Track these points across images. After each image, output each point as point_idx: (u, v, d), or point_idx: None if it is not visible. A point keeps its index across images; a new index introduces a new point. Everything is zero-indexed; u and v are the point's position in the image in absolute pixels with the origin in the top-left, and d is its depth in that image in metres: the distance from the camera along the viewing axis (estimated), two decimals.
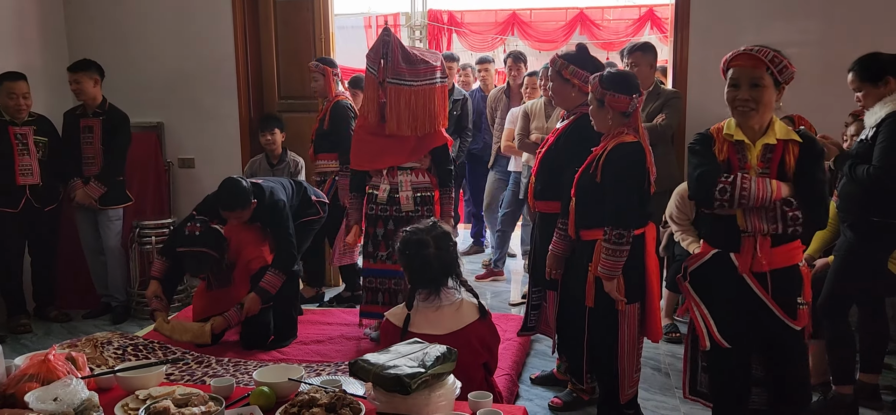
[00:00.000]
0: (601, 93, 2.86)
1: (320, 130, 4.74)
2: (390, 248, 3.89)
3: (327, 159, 4.78)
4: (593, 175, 2.88)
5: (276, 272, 3.93)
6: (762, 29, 4.60)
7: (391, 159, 3.94)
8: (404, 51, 3.89)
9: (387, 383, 1.82)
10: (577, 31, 10.36)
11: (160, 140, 5.44)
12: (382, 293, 4.00)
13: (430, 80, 3.88)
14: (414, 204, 3.93)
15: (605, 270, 2.83)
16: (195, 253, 3.81)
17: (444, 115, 3.98)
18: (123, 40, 5.39)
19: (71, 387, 1.83)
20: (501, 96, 5.80)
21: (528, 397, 3.57)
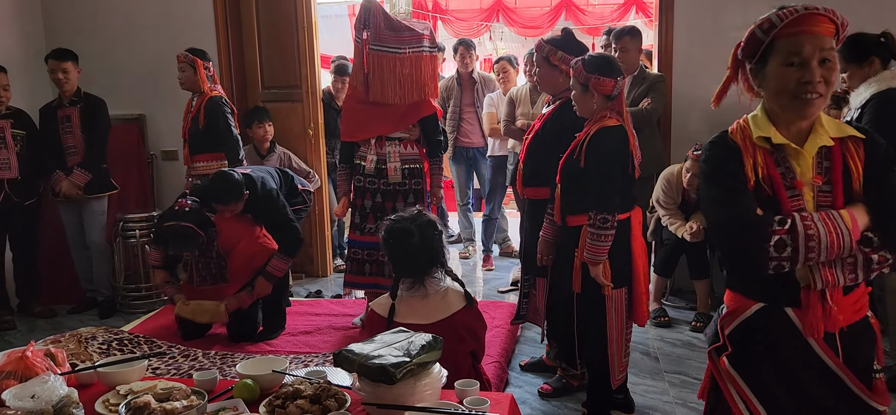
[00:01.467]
0: (585, 77, 2.84)
1: (194, 128, 4.40)
2: (378, 221, 3.88)
3: (208, 160, 4.42)
4: (577, 160, 2.86)
5: (282, 257, 3.90)
6: (747, 13, 4.58)
7: (378, 128, 3.91)
8: (387, 18, 3.86)
9: (371, 373, 1.79)
10: (563, 16, 10.32)
11: (142, 132, 5.38)
12: (369, 264, 3.99)
13: (417, 47, 3.85)
14: (401, 176, 3.91)
15: (590, 255, 2.82)
16: (179, 228, 3.71)
17: (433, 85, 3.94)
18: (103, 32, 5.31)
19: (49, 384, 1.79)
20: (453, 84, 5.77)
21: (517, 384, 3.56)
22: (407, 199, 3.94)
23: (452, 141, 5.72)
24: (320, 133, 5.35)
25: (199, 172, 4.42)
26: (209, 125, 4.33)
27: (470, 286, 5.10)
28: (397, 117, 3.90)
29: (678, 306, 4.58)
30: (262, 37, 5.31)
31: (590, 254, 2.81)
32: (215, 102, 4.36)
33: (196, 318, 3.91)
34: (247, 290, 3.90)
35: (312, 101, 5.28)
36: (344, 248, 5.65)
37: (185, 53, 4.41)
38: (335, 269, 5.64)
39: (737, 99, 4.80)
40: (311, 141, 5.31)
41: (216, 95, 4.40)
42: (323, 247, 5.54)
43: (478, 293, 5.07)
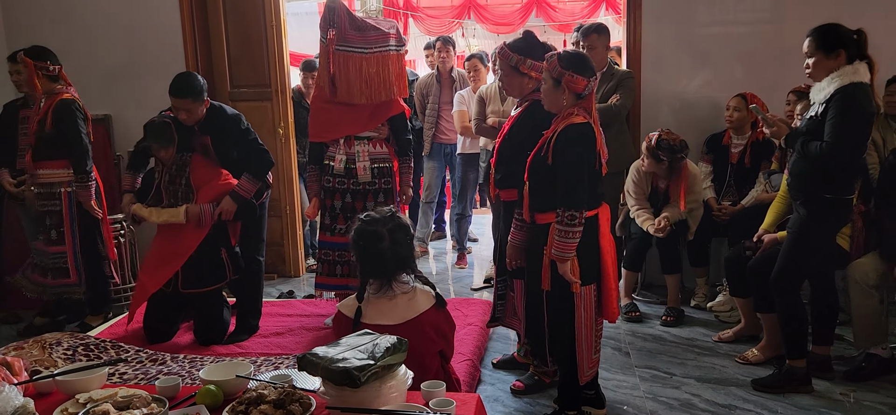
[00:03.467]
0: (559, 72, 2.82)
1: (41, 132, 4.12)
2: (348, 221, 3.86)
3: (52, 167, 4.21)
4: (545, 157, 2.85)
5: (250, 178, 3.83)
6: (715, 8, 4.64)
7: (347, 129, 3.90)
8: (352, 18, 3.84)
9: (336, 376, 1.78)
10: (534, 13, 10.35)
11: (108, 133, 5.29)
12: (340, 266, 3.96)
13: (383, 47, 3.84)
14: (371, 175, 3.89)
15: (557, 252, 2.82)
16: (160, 121, 3.81)
17: (401, 84, 3.92)
18: (67, 30, 5.21)
19: (4, 394, 1.75)
20: (432, 82, 5.76)
21: (490, 382, 3.56)
22: (377, 198, 3.93)
23: (430, 137, 5.70)
24: (291, 132, 5.31)
25: (41, 180, 4.22)
26: (58, 129, 4.09)
27: (442, 284, 5.12)
28: (366, 117, 3.88)
29: (649, 301, 4.62)
30: (230, 35, 5.24)
31: (557, 251, 2.82)
32: (66, 105, 4.13)
33: (152, 218, 3.84)
34: (211, 205, 3.80)
35: (282, 100, 5.23)
36: (316, 248, 5.61)
37: (20, 54, 4.16)
38: (307, 269, 5.60)
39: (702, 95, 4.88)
40: (282, 140, 5.26)
41: (67, 98, 4.18)
42: (295, 247, 5.50)
43: (450, 291, 5.06)
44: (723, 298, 4.31)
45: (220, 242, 3.90)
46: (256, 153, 3.89)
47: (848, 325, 3.65)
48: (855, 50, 3.08)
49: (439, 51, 5.75)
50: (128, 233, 4.90)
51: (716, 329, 4.08)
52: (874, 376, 3.38)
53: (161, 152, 3.86)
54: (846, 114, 2.98)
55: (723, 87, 4.54)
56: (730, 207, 4.27)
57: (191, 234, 3.83)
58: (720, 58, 4.65)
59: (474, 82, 5.33)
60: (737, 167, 4.32)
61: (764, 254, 3.53)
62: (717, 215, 4.30)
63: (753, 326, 3.85)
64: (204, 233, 3.83)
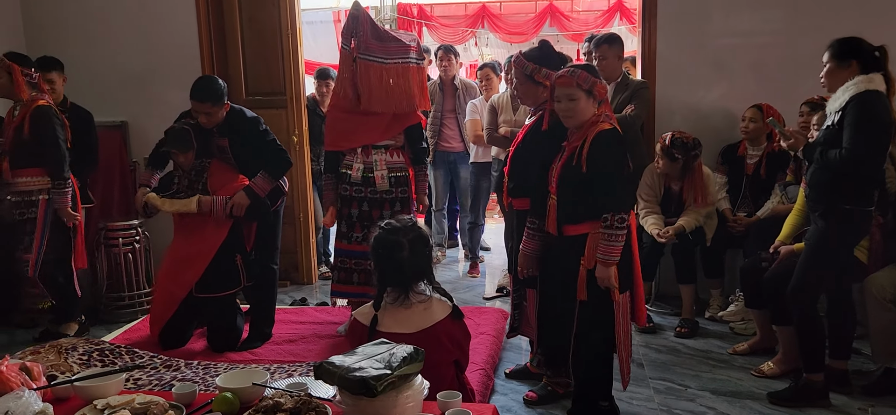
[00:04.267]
0: (592, 82, 2.83)
1: (18, 138, 4.05)
2: (365, 230, 3.87)
3: (30, 175, 4.12)
4: (577, 167, 2.82)
5: (266, 176, 3.84)
6: (729, 19, 4.63)
7: (364, 138, 3.91)
8: (374, 27, 3.86)
9: (352, 385, 1.77)
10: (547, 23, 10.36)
11: (125, 139, 5.33)
12: (357, 274, 3.96)
13: (404, 58, 3.86)
14: (389, 184, 3.90)
15: (606, 257, 2.78)
16: (180, 127, 3.85)
17: (423, 95, 3.95)
18: (84, 37, 5.26)
19: (23, 399, 1.76)
20: (435, 90, 5.77)
21: (502, 392, 3.55)
22: (393, 207, 3.93)
23: (433, 146, 5.72)
24: (305, 140, 5.33)
25: (19, 188, 4.13)
26: (35, 136, 4.04)
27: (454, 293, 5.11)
28: (383, 126, 3.89)
29: (663, 312, 4.60)
30: (246, 43, 5.28)
31: (606, 255, 2.78)
32: (44, 112, 4.08)
33: (165, 208, 3.86)
34: (224, 199, 3.82)
35: (297, 108, 5.25)
36: (329, 255, 5.62)
37: (0, 58, 4.09)
38: (320, 276, 5.61)
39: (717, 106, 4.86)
40: (296, 148, 5.28)
41: (44, 104, 4.12)
42: (308, 254, 5.51)
43: (463, 300, 5.06)
44: (735, 308, 4.28)
45: (235, 249, 3.92)
46: (274, 153, 3.91)
47: (866, 339, 3.61)
48: (871, 62, 3.07)
49: (440, 59, 5.77)
50: (143, 239, 4.93)
51: (731, 341, 4.05)
52: (893, 390, 3.34)
53: (180, 158, 3.89)
54: (863, 119, 2.98)
55: (738, 98, 4.52)
56: (745, 219, 4.25)
57: (210, 236, 3.85)
58: (735, 68, 4.63)
59: (486, 91, 5.33)
60: (752, 178, 4.30)
61: (780, 266, 3.51)
62: (732, 226, 4.28)
63: (769, 338, 3.81)
64: (223, 235, 3.85)
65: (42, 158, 4.11)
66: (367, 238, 3.81)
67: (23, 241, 4.18)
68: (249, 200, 3.82)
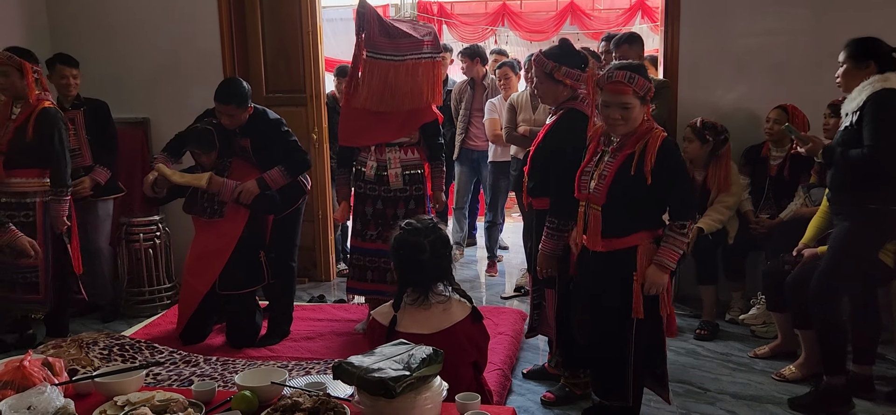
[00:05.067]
0: (646, 89, 2.70)
1: (19, 140, 3.92)
2: (379, 227, 3.86)
3: (26, 176, 3.98)
4: (636, 177, 2.66)
5: (282, 171, 3.82)
6: (754, 18, 4.56)
7: (377, 136, 3.89)
8: (382, 24, 3.81)
9: (371, 386, 1.77)
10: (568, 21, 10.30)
11: (147, 136, 5.37)
12: (371, 271, 3.96)
13: (415, 54, 3.81)
14: (403, 182, 3.89)
15: (665, 261, 2.69)
16: (202, 128, 3.84)
17: (434, 91, 3.90)
18: (108, 35, 5.31)
19: (45, 395, 1.78)
20: (465, 88, 5.75)
21: (520, 392, 3.53)
22: (408, 205, 3.92)
23: (460, 143, 5.71)
24: (324, 137, 5.34)
25: (13, 189, 3.98)
26: (39, 139, 3.93)
27: (472, 292, 5.10)
28: (397, 124, 3.88)
29: (682, 314, 4.55)
30: (267, 40, 5.30)
31: (664, 259, 2.69)
32: (51, 115, 3.98)
33: (174, 179, 3.82)
34: (234, 183, 3.80)
35: (317, 106, 5.27)
36: (347, 252, 5.63)
37: (7, 54, 3.94)
38: (338, 273, 5.63)
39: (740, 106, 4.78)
40: (316, 145, 5.30)
41: (50, 107, 4.03)
42: (326, 251, 5.53)
43: (481, 300, 5.05)
44: (756, 311, 4.23)
45: (258, 245, 3.93)
46: (293, 152, 3.90)
47: (891, 344, 3.55)
48: (888, 63, 3.04)
49: (461, 61, 5.78)
50: (163, 235, 4.97)
51: (751, 344, 4.01)
52: None
53: (202, 158, 3.90)
54: (883, 115, 2.95)
55: (761, 99, 4.46)
56: (768, 221, 4.19)
57: (226, 231, 3.86)
58: (759, 68, 4.57)
59: (505, 90, 5.31)
60: (775, 180, 4.23)
61: (803, 268, 3.46)
62: (754, 228, 4.22)
63: (791, 342, 3.77)
64: (239, 229, 3.85)
65: (41, 160, 3.99)
66: (382, 236, 3.82)
67: None
68: (259, 190, 3.80)
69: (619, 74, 2.67)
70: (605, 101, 2.70)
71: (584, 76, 3.16)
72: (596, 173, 2.78)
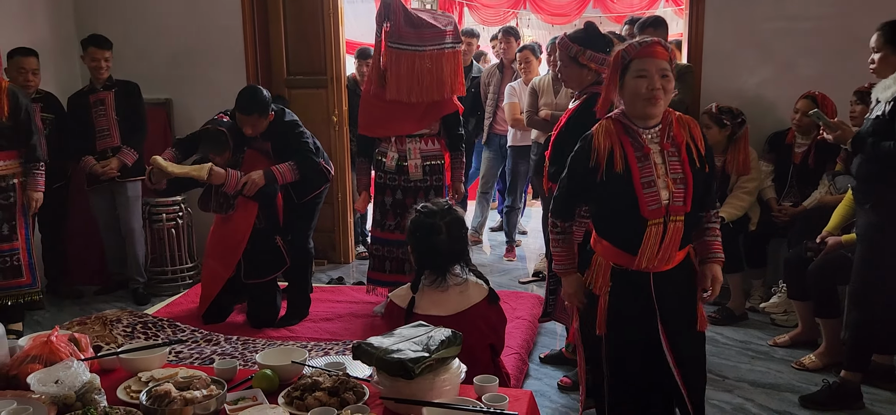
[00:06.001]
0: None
1: None
2: (398, 218, 3.88)
3: (4, 159, 3.92)
4: (701, 169, 2.28)
5: (291, 166, 3.79)
6: (779, 2, 4.49)
7: (398, 127, 3.89)
8: (407, 14, 3.81)
9: (390, 367, 1.79)
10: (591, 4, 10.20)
11: (169, 116, 5.42)
12: (389, 262, 3.98)
13: (439, 44, 3.81)
14: (422, 173, 3.89)
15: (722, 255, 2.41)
16: (215, 130, 3.82)
17: (456, 82, 3.89)
18: (131, 16, 5.35)
19: (72, 369, 1.82)
20: (494, 71, 5.74)
21: (537, 376, 3.55)
22: (427, 195, 3.92)
23: (488, 127, 5.69)
24: (344, 120, 5.36)
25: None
26: (14, 118, 3.88)
27: (491, 276, 5.11)
28: (418, 116, 3.88)
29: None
30: (288, 23, 5.31)
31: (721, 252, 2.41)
32: (16, 92, 3.93)
33: (171, 170, 3.75)
34: (239, 172, 3.77)
35: (337, 88, 5.28)
36: (366, 235, 5.66)
37: None
38: (357, 256, 5.66)
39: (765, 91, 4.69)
40: (336, 128, 5.31)
41: (12, 85, 3.97)
42: (345, 234, 5.56)
43: (498, 284, 5.05)
44: (777, 299, 4.19)
45: (273, 230, 3.96)
46: (306, 153, 3.86)
47: None
48: None
49: (501, 41, 5.74)
50: (186, 215, 5.02)
51: (771, 333, 3.98)
52: None
53: (216, 159, 3.89)
54: None
55: (787, 84, 4.40)
56: (791, 208, 4.14)
57: (242, 220, 3.89)
58: (784, 53, 4.50)
59: (526, 74, 5.28)
60: (800, 167, 4.17)
61: (826, 257, 3.42)
62: (776, 216, 4.18)
63: (811, 331, 3.73)
64: (253, 215, 3.87)
65: (16, 141, 3.93)
66: (400, 226, 3.83)
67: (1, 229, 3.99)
68: (264, 182, 3.76)
69: (652, 40, 2.30)
70: (640, 71, 2.23)
71: (609, 60, 3.12)
72: (664, 180, 2.22)
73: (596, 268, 2.33)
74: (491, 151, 5.76)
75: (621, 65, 2.28)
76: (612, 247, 2.29)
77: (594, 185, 2.27)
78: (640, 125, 2.27)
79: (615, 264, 2.29)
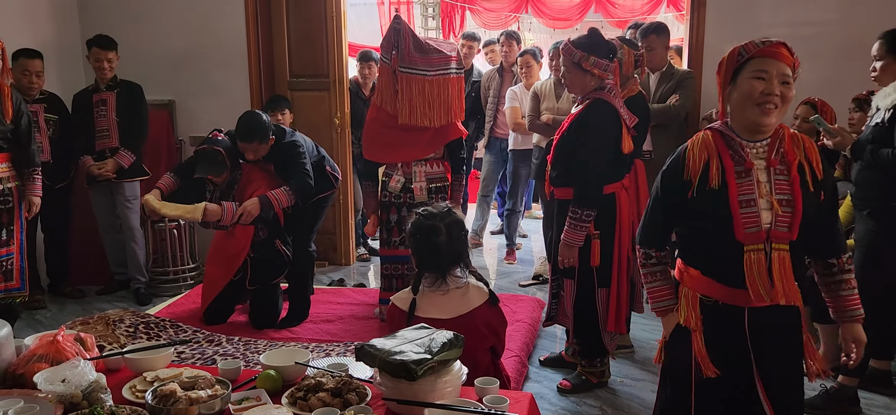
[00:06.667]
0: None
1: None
2: (402, 234, 3.90)
3: (2, 161, 3.92)
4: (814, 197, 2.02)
5: (287, 191, 3.82)
6: (780, 9, 4.52)
7: (405, 154, 3.92)
8: (416, 40, 3.85)
9: (393, 368, 1.81)
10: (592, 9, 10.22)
11: (172, 117, 5.45)
12: (397, 279, 4.00)
13: (445, 70, 3.85)
14: (427, 195, 3.93)
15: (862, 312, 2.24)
16: (212, 151, 3.82)
17: (459, 106, 3.94)
18: (135, 17, 5.38)
19: (79, 369, 1.84)
20: (494, 75, 5.76)
21: (536, 379, 3.56)
22: None
23: (488, 131, 5.72)
24: (346, 122, 5.38)
25: None
26: (16, 122, 3.89)
27: (491, 279, 5.13)
28: (425, 142, 3.91)
29: None
30: (292, 25, 5.34)
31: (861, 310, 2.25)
32: (18, 97, 3.96)
33: (165, 211, 3.77)
34: (234, 203, 3.79)
35: (340, 91, 5.31)
36: (367, 237, 5.69)
37: None
38: (358, 258, 5.68)
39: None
40: (338, 130, 5.34)
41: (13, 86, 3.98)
42: (346, 236, 5.58)
43: (499, 287, 5.07)
44: None
45: (274, 235, 3.99)
46: (301, 177, 3.88)
47: None
48: None
49: (502, 44, 5.76)
50: None
51: None
52: None
53: (215, 179, 3.92)
54: None
55: None
56: None
57: (242, 231, 3.91)
58: None
59: (526, 78, 5.30)
60: None
61: None
62: None
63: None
64: (252, 228, 3.89)
65: (15, 145, 3.91)
66: (404, 242, 3.85)
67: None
68: (260, 211, 3.79)
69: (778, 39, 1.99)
70: (759, 71, 1.94)
71: (613, 66, 3.15)
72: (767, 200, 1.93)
73: (683, 300, 2.05)
74: (492, 154, 5.78)
75: (736, 63, 1.99)
76: (702, 276, 2.00)
77: (686, 202, 1.98)
78: (746, 137, 1.96)
79: (704, 297, 2.01)
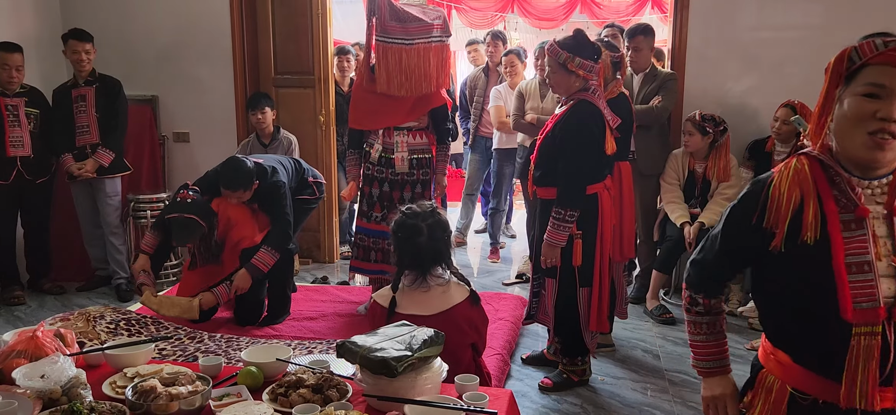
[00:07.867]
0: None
1: None
2: (385, 210, 3.91)
3: None
4: None
5: (269, 250, 3.84)
6: (764, 11, 4.57)
7: (387, 120, 3.92)
8: (393, 8, 3.84)
9: (373, 365, 1.82)
10: (578, 9, 10.25)
11: (155, 113, 5.41)
12: (375, 252, 4.01)
13: (425, 38, 3.85)
14: (409, 166, 3.92)
15: None
16: (183, 220, 3.72)
17: (443, 75, 3.92)
18: (118, 12, 5.34)
19: (58, 364, 1.83)
20: (480, 75, 5.78)
21: (518, 377, 3.59)
22: (414, 189, 3.96)
23: (473, 130, 5.73)
24: (331, 120, 5.37)
25: None
26: None
27: (475, 278, 5.15)
28: (407, 108, 3.91)
29: (679, 304, 4.58)
30: (277, 23, 5.32)
31: None
32: None
33: (163, 310, 3.80)
34: (225, 284, 3.83)
35: (324, 89, 5.30)
36: (352, 235, 5.68)
37: None
38: (342, 255, 5.68)
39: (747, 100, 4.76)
40: (323, 128, 5.33)
41: None
42: (330, 233, 5.58)
43: (482, 286, 5.09)
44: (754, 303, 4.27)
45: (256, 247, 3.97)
46: (280, 225, 3.87)
47: None
48: None
49: (488, 44, 5.79)
50: None
51: (748, 336, 4.05)
52: None
53: (193, 242, 3.87)
54: None
55: (768, 93, 4.48)
56: None
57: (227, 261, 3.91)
58: (767, 63, 4.59)
59: (511, 78, 5.33)
60: None
61: None
62: None
63: None
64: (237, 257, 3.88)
65: None
66: (387, 219, 3.87)
67: None
68: (251, 280, 3.81)
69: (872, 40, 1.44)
70: (875, 86, 1.39)
71: (597, 68, 3.18)
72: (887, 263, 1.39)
73: (764, 391, 1.56)
74: (476, 153, 5.80)
75: (845, 70, 1.47)
76: (794, 363, 1.49)
77: (765, 256, 1.50)
78: (857, 173, 1.43)
79: (796, 391, 1.49)
